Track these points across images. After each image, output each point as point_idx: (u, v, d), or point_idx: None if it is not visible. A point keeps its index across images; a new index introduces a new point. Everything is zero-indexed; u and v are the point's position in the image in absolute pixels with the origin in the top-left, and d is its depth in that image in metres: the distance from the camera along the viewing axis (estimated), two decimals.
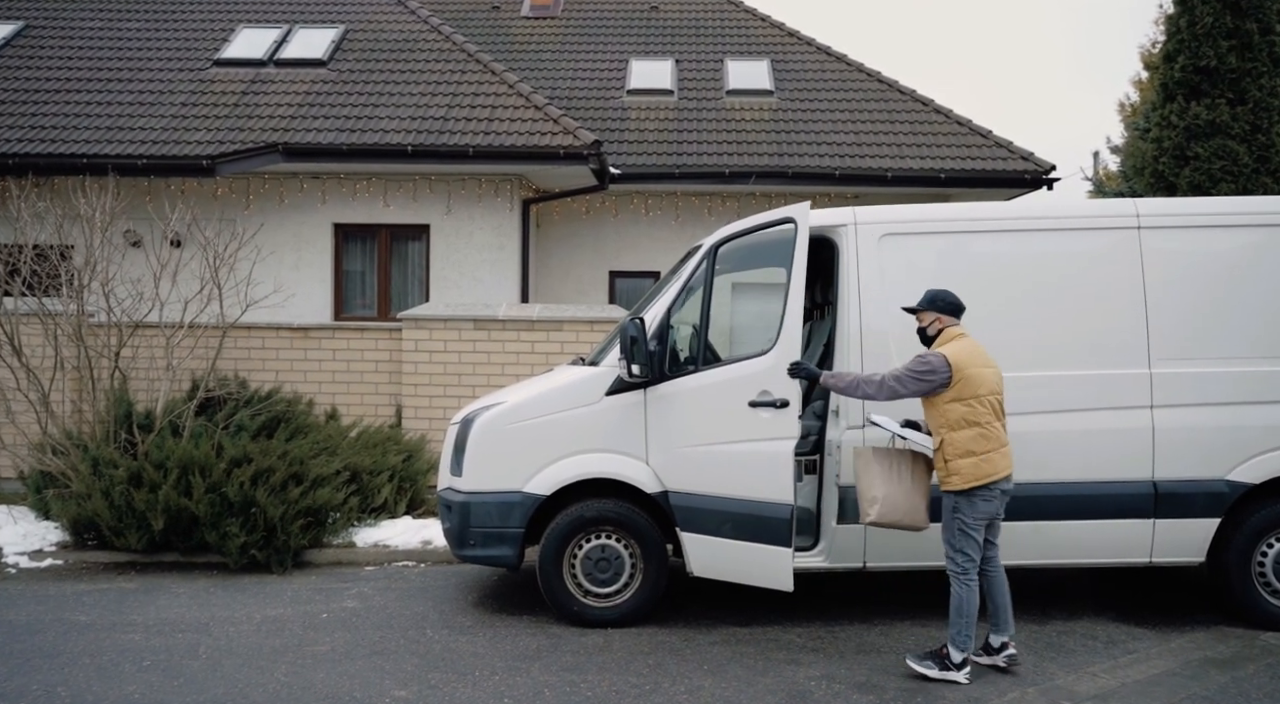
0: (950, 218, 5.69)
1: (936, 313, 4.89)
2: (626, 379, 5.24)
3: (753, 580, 5.21)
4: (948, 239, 5.60)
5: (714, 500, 5.22)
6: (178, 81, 12.14)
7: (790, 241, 5.19)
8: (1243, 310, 5.46)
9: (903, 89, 14.11)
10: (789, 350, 5.11)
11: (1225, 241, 5.54)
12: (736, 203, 12.76)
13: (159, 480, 6.75)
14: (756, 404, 5.10)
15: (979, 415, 4.66)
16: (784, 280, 6.25)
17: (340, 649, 5.05)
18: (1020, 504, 5.33)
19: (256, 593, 6.14)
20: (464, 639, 5.22)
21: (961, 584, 4.67)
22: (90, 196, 7.74)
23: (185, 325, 7.81)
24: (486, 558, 5.57)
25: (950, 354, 4.70)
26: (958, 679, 4.61)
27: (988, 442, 4.64)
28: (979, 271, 5.52)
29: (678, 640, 5.20)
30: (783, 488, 5.03)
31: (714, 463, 5.22)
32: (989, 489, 4.64)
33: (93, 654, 4.94)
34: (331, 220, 11.32)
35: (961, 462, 4.63)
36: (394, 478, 7.61)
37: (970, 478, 4.62)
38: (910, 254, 5.53)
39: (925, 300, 4.92)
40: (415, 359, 8.71)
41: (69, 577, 6.57)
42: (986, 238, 5.60)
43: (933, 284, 5.50)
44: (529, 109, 11.35)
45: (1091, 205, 5.76)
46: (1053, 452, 5.40)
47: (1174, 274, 5.50)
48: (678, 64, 14.48)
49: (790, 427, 5.10)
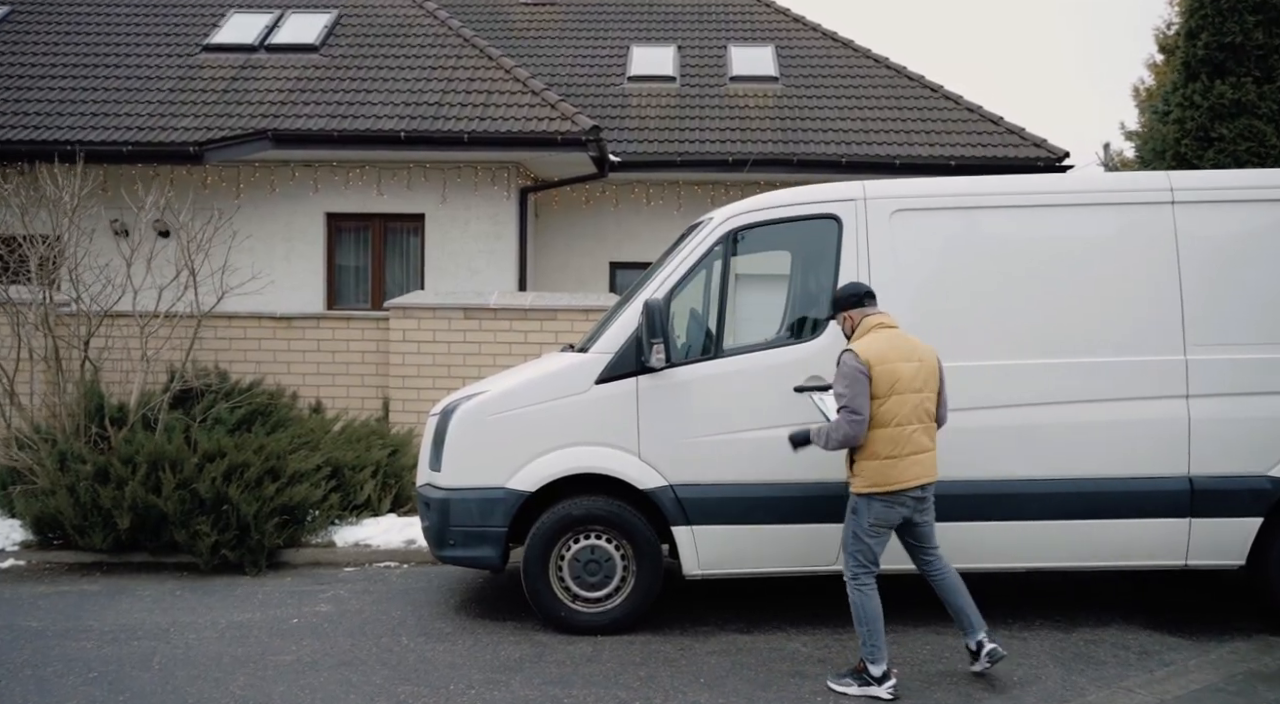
0: (970, 192, 5.25)
1: (843, 312, 4.52)
2: (653, 365, 4.86)
3: (792, 565, 5.00)
4: (967, 215, 5.16)
5: (744, 488, 4.94)
6: (166, 67, 11.82)
7: (832, 223, 4.98)
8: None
9: (910, 75, 13.73)
10: (840, 334, 4.77)
11: (1268, 216, 5.11)
12: (740, 191, 12.29)
13: (126, 476, 6.38)
14: (804, 389, 4.75)
15: (891, 415, 4.23)
16: (787, 267, 5.93)
17: (306, 659, 4.66)
18: (1044, 502, 4.96)
19: (225, 596, 5.76)
20: (441, 648, 4.83)
21: (854, 590, 4.29)
22: (60, 179, 7.37)
23: (160, 314, 7.44)
24: (467, 559, 5.18)
25: (860, 349, 4.29)
26: (880, 694, 4.19)
27: (897, 445, 4.22)
28: (1001, 249, 5.12)
29: (673, 650, 4.80)
30: (827, 466, 4.73)
31: (743, 451, 4.94)
32: (894, 497, 4.24)
33: (36, 665, 4.56)
34: (324, 210, 11.00)
35: (866, 464, 4.25)
36: (378, 474, 7.23)
37: (872, 483, 4.24)
38: (925, 232, 5.12)
39: (830, 303, 4.63)
40: (403, 350, 8.33)
41: (29, 578, 6.21)
42: (1010, 213, 5.16)
43: (950, 264, 5.13)
44: (526, 94, 10.99)
45: (1124, 178, 5.35)
46: (1077, 445, 4.99)
47: (1211, 252, 5.08)
48: (680, 50, 14.12)
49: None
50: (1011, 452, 5.00)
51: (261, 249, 10.49)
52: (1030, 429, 5.00)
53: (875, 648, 4.23)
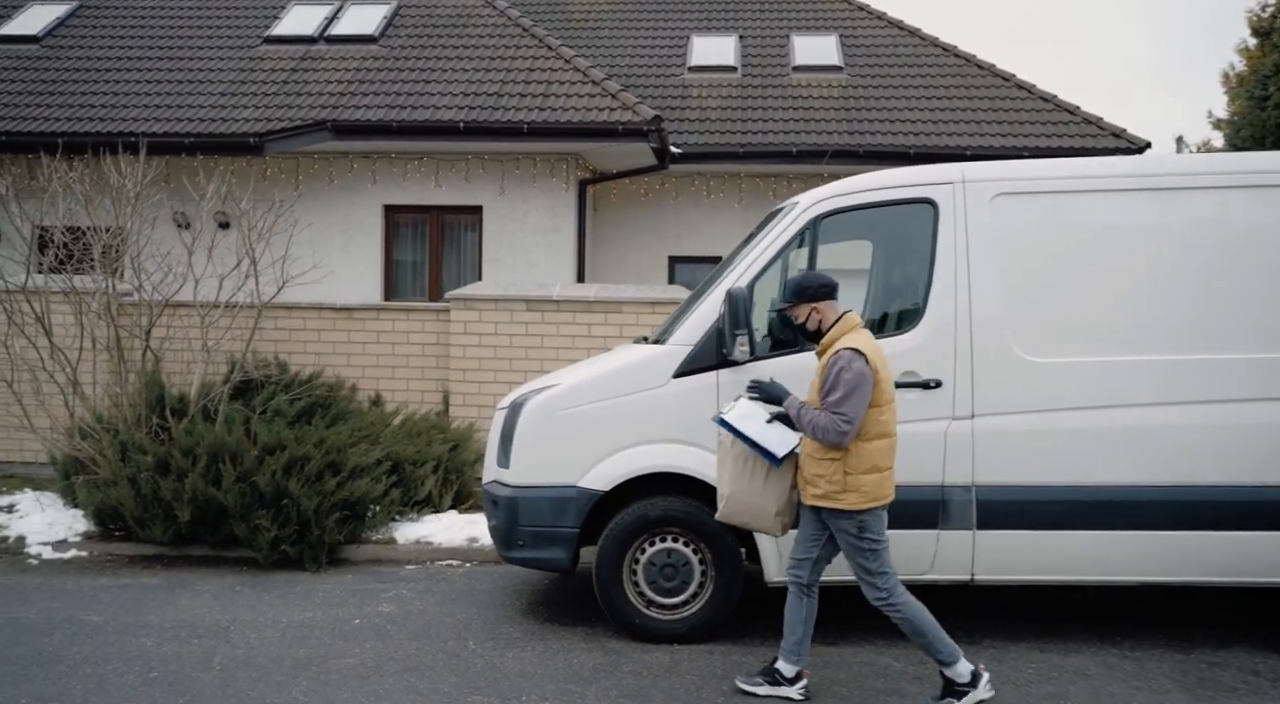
0: (1083, 174, 4.83)
1: (811, 303, 4.07)
2: (736, 357, 4.54)
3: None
4: (1080, 200, 4.75)
5: None
6: (227, 59, 11.84)
7: (927, 208, 4.67)
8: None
9: (980, 63, 13.24)
10: (939, 327, 4.51)
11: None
12: (803, 184, 11.90)
13: (187, 468, 6.25)
14: (898, 385, 4.43)
15: (890, 425, 3.95)
16: (877, 256, 5.57)
17: (370, 663, 4.44)
18: (1167, 511, 4.55)
19: (285, 593, 5.59)
20: (510, 654, 4.58)
21: (893, 611, 3.97)
22: (124, 167, 7.30)
23: (221, 304, 7.33)
24: (536, 561, 4.93)
25: (863, 348, 3.90)
26: (982, 696, 3.90)
27: (890, 457, 3.96)
28: (1121, 238, 4.71)
29: (755, 662, 4.48)
30: (930, 469, 4.53)
31: None
32: (883, 509, 3.96)
33: (96, 662, 4.41)
34: (382, 202, 10.91)
35: (867, 478, 3.88)
36: (439, 469, 7.03)
37: (871, 497, 3.90)
38: (1031, 218, 4.73)
39: (790, 290, 4.12)
40: (464, 342, 8.12)
41: (91, 570, 6.11)
42: (1131, 197, 4.74)
43: (1060, 253, 4.74)
44: (586, 84, 10.76)
45: (1271, 157, 4.88)
46: (1198, 450, 4.57)
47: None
48: (741, 40, 13.79)
49: (941, 407, 4.57)
50: (1123, 456, 4.60)
51: (320, 240, 10.38)
52: (1144, 431, 4.59)
53: (943, 649, 3.93)
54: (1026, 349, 4.65)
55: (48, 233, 7.52)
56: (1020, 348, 4.65)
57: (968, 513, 4.64)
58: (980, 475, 4.63)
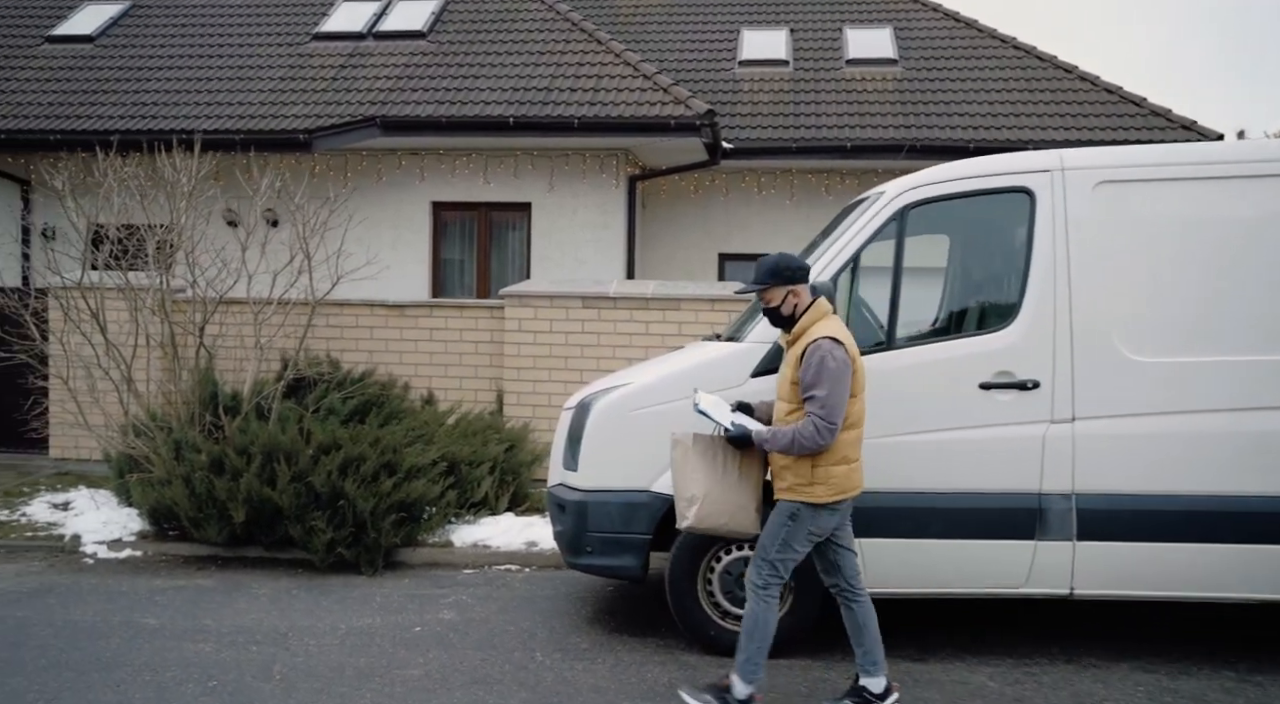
0: (1196, 160, 4.49)
1: (787, 285, 3.81)
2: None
3: (969, 587, 4.41)
4: (1192, 187, 4.42)
5: (919, 497, 4.37)
6: (276, 56, 11.80)
7: (1023, 198, 4.39)
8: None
9: (1041, 55, 12.84)
10: (1037, 325, 4.27)
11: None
12: (856, 180, 11.69)
13: (241, 467, 6.13)
14: (990, 386, 4.14)
15: (860, 415, 3.78)
16: (966, 249, 5.28)
17: (435, 674, 4.25)
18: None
19: (343, 597, 5.43)
20: (580, 667, 4.37)
21: (759, 601, 3.77)
22: (178, 162, 7.21)
23: (274, 301, 7.21)
24: (606, 568, 4.71)
25: (843, 337, 3.69)
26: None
27: (859, 448, 3.81)
28: (1239, 228, 4.38)
29: (839, 678, 4.23)
30: (1027, 476, 4.29)
31: (917, 454, 4.36)
32: (847, 504, 3.80)
33: (155, 669, 4.26)
34: (430, 199, 10.79)
35: (836, 469, 3.70)
36: (495, 470, 6.84)
37: (839, 490, 3.71)
38: (1139, 208, 4.42)
39: (765, 271, 3.86)
40: (518, 340, 7.93)
41: (146, 570, 6.00)
42: (1251, 185, 4.38)
43: (1169, 246, 4.43)
44: (637, 78, 10.54)
45: None
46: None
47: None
48: (792, 33, 13.51)
49: (1038, 409, 4.29)
50: (1241, 463, 4.28)
51: (368, 238, 10.27)
52: (1266, 436, 4.26)
53: (756, 666, 3.75)
54: (1134, 348, 4.34)
55: (103, 229, 7.46)
56: (1126, 347, 4.35)
57: (1067, 523, 4.35)
58: (1081, 483, 4.34)
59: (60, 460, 8.48)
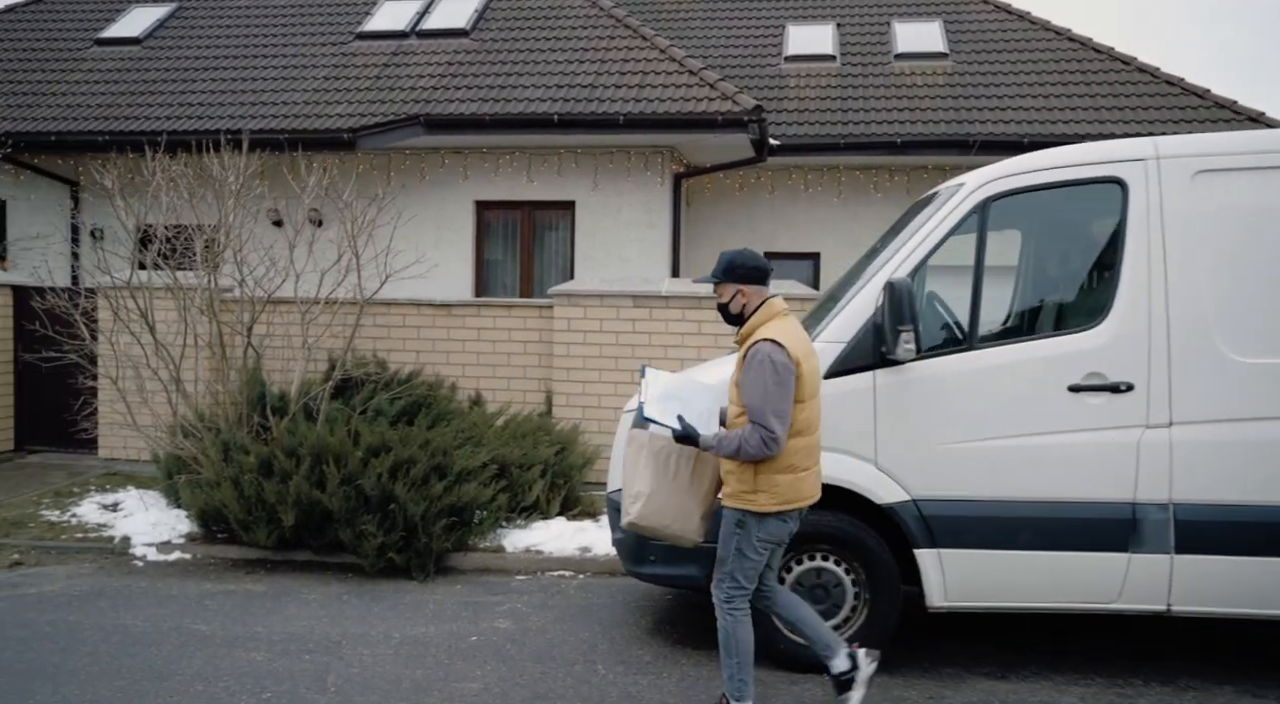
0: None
1: (738, 284, 3.61)
2: (899, 356, 4.06)
3: (1062, 601, 4.15)
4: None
5: (1005, 506, 4.12)
6: (320, 56, 11.77)
7: (1114, 188, 4.14)
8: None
9: (1097, 47, 12.46)
10: (1130, 324, 4.02)
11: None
12: (905, 177, 11.44)
13: (290, 469, 6.02)
14: (1080, 388, 3.88)
15: (810, 422, 3.59)
16: (1054, 243, 5.01)
17: (494, 688, 4.08)
18: None
19: (395, 604, 5.29)
20: (644, 681, 4.18)
21: (727, 614, 3.64)
22: (225, 160, 7.14)
23: (321, 300, 7.11)
24: (669, 577, 4.52)
25: (783, 339, 3.44)
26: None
27: (810, 456, 3.63)
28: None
29: (919, 697, 4.00)
30: (1120, 484, 4.06)
31: (1000, 461, 4.12)
32: (794, 512, 3.62)
33: (207, 678, 4.14)
34: (473, 198, 10.67)
35: (780, 478, 3.53)
36: (546, 473, 6.68)
37: (783, 499, 3.54)
38: (1242, 198, 4.14)
39: (719, 267, 3.70)
40: (568, 340, 7.77)
41: (195, 574, 5.92)
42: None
43: (1278, 241, 4.14)
44: (683, 74, 10.34)
45: None
46: None
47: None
48: (839, 28, 13.25)
49: (1133, 413, 4.05)
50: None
51: (412, 236, 10.19)
52: None
53: (744, 683, 3.58)
54: (1236, 348, 4.06)
55: (151, 229, 7.43)
56: (1229, 347, 4.07)
57: (1164, 534, 4.08)
58: (1180, 492, 4.06)
59: (109, 460, 8.47)
